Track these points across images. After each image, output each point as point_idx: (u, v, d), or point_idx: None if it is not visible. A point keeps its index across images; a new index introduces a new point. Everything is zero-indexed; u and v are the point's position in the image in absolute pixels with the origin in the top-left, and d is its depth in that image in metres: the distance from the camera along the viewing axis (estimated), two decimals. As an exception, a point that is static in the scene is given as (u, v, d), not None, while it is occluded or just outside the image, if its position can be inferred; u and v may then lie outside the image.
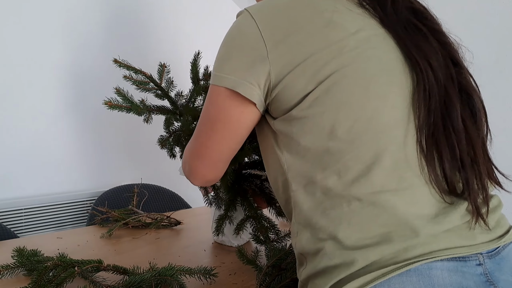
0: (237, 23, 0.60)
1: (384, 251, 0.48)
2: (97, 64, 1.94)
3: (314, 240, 0.53)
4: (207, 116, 0.63)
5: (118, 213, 1.29)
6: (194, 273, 0.79)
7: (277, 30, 0.55)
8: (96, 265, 0.78)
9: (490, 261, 0.49)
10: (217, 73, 0.59)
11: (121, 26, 2.05)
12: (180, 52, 2.29)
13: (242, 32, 0.57)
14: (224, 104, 0.59)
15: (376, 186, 0.50)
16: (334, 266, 0.49)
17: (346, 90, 0.52)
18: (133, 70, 1.01)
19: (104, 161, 1.99)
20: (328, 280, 0.49)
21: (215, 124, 0.62)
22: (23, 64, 1.70)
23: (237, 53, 0.57)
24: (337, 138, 0.52)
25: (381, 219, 0.49)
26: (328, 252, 0.50)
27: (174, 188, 1.92)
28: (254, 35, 0.56)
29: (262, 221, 0.93)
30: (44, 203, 1.75)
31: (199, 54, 1.08)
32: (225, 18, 2.61)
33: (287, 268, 0.78)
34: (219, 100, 0.59)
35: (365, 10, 0.58)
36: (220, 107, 0.60)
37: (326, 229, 0.51)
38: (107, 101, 0.95)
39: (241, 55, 0.57)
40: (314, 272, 0.52)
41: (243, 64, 0.56)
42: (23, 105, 1.70)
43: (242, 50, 0.57)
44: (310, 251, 0.53)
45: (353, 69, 0.52)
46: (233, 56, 0.58)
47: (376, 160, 0.50)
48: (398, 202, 0.49)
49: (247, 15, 0.58)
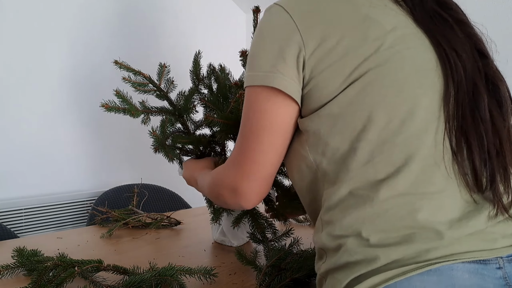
0: (269, 17, 0.57)
1: (406, 251, 0.48)
2: (97, 65, 1.94)
3: (336, 237, 0.53)
4: (248, 127, 0.58)
5: (118, 213, 1.29)
6: (194, 273, 0.79)
7: (314, 24, 0.53)
8: (96, 265, 0.78)
9: (510, 265, 0.49)
10: (251, 73, 0.57)
11: (122, 27, 2.05)
12: (181, 53, 2.29)
13: (276, 26, 0.55)
14: (264, 106, 0.56)
15: (403, 189, 0.50)
16: (355, 262, 0.50)
17: (380, 91, 0.52)
18: (132, 72, 1.01)
19: (104, 161, 1.99)
20: (349, 274, 0.50)
21: (260, 133, 0.57)
22: (24, 64, 1.70)
23: (272, 47, 0.55)
24: (367, 139, 0.52)
25: (405, 222, 0.49)
26: (350, 249, 0.51)
27: (174, 188, 1.93)
28: (289, 29, 0.54)
29: (260, 219, 0.93)
30: (44, 203, 1.75)
31: (200, 54, 1.08)
32: (226, 18, 2.61)
33: (286, 268, 0.78)
34: (259, 102, 0.56)
35: (397, 5, 0.57)
36: (261, 110, 0.56)
37: (349, 227, 0.52)
38: (104, 104, 0.96)
39: (276, 49, 0.54)
40: (334, 267, 0.53)
41: (278, 58, 0.54)
42: (23, 105, 1.71)
43: (276, 44, 0.55)
44: (332, 246, 0.54)
45: (388, 69, 0.52)
46: (267, 50, 0.55)
47: (405, 163, 0.50)
48: (424, 206, 0.50)
49: (280, 9, 0.56)
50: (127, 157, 2.08)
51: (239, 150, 0.61)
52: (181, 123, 1.04)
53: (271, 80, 0.54)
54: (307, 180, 0.60)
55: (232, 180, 0.62)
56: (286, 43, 0.54)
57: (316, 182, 0.59)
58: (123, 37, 2.05)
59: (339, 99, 0.53)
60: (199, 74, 1.08)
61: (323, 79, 0.53)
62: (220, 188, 0.65)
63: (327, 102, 0.54)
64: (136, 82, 1.02)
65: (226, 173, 0.64)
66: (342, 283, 0.51)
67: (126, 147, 2.08)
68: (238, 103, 0.84)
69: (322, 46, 0.53)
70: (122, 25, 2.05)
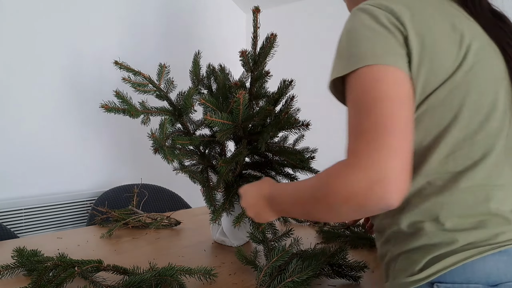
0: (369, 12, 0.59)
1: (480, 235, 0.56)
2: (97, 65, 1.94)
3: (414, 221, 0.59)
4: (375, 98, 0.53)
5: (118, 213, 1.29)
6: (194, 273, 0.80)
7: (415, 27, 0.57)
8: (96, 265, 0.78)
9: None
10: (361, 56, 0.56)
11: (122, 26, 2.05)
12: (180, 53, 2.29)
13: (378, 20, 0.58)
14: (387, 79, 0.54)
15: (479, 180, 0.58)
16: (433, 244, 0.57)
17: (466, 95, 0.58)
18: (132, 72, 1.01)
19: (104, 161, 2.00)
20: (426, 255, 0.57)
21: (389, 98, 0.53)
22: (24, 64, 1.70)
23: (381, 39, 0.57)
24: (450, 136, 0.58)
25: (480, 209, 0.57)
26: (429, 232, 0.58)
27: (174, 188, 1.93)
28: (391, 24, 0.57)
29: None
30: (44, 203, 1.75)
31: (199, 54, 1.08)
32: (225, 17, 2.61)
33: (286, 268, 0.78)
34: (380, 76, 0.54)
35: (469, 15, 0.64)
36: (384, 82, 0.54)
37: (427, 212, 0.58)
38: (103, 104, 0.96)
39: (382, 38, 0.57)
40: (410, 248, 0.59)
41: (387, 45, 0.56)
42: (23, 105, 1.71)
43: (384, 37, 0.57)
44: (407, 230, 0.60)
45: (473, 75, 0.59)
46: (372, 38, 0.57)
47: (482, 158, 0.58)
48: (495, 196, 0.57)
49: (375, 8, 0.59)
50: (127, 157, 2.09)
51: (368, 128, 0.52)
52: (181, 123, 1.04)
53: (393, 60, 0.55)
54: None
55: (377, 167, 0.50)
56: (395, 40, 0.57)
57: None
58: (123, 37, 2.06)
59: (430, 99, 0.58)
60: (199, 74, 1.08)
61: (419, 80, 0.58)
62: (353, 186, 0.51)
63: (420, 101, 0.59)
64: (135, 82, 1.02)
65: (364, 162, 0.51)
66: (420, 262, 0.57)
67: (126, 147, 2.08)
68: (238, 103, 0.84)
69: (423, 50, 0.57)
70: (121, 25, 2.05)
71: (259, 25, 0.95)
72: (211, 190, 0.99)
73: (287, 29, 2.58)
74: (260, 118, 0.90)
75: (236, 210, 0.98)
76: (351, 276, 0.82)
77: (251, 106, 1.00)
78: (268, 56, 0.97)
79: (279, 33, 0.99)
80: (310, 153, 1.11)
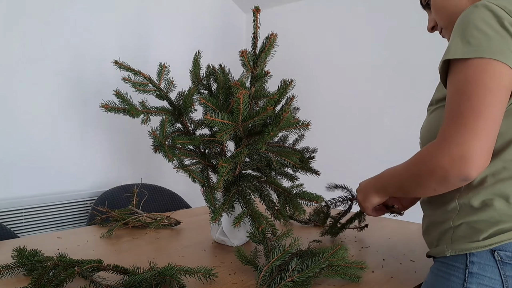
0: (494, 11, 0.65)
1: None
2: (97, 65, 1.94)
3: (485, 198, 0.67)
4: (477, 86, 0.63)
5: (118, 213, 1.29)
6: (194, 273, 0.80)
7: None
8: (96, 265, 0.78)
9: None
10: (476, 48, 0.63)
11: (122, 26, 2.05)
12: (180, 53, 2.29)
13: (501, 22, 0.64)
14: (495, 71, 0.62)
15: None
16: (500, 218, 0.66)
17: None
18: (132, 72, 1.01)
19: (104, 161, 2.00)
20: (493, 226, 0.66)
21: (490, 89, 0.62)
22: (25, 64, 1.70)
23: (497, 34, 0.63)
24: None
25: None
26: (498, 208, 0.66)
27: (174, 188, 1.93)
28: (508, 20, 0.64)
29: (260, 219, 0.93)
30: (44, 203, 1.75)
31: (199, 54, 1.08)
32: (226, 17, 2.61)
33: (286, 268, 0.78)
34: (489, 68, 0.63)
35: None
36: (491, 74, 0.62)
37: (499, 191, 0.67)
38: (103, 104, 0.96)
39: (500, 37, 0.63)
40: (476, 220, 0.68)
41: (502, 44, 0.63)
42: (23, 105, 1.71)
43: (500, 34, 0.63)
44: (476, 204, 0.68)
45: None
46: (491, 35, 0.63)
47: None
48: None
49: (500, 9, 0.65)
50: (127, 157, 2.09)
51: (468, 112, 0.63)
52: (181, 123, 1.04)
53: (504, 58, 0.62)
54: None
55: (462, 145, 0.62)
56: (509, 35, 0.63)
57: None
58: (123, 37, 2.06)
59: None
60: (199, 74, 1.08)
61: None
62: (439, 159, 0.64)
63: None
64: (136, 82, 1.02)
65: (450, 141, 0.63)
66: (485, 232, 0.66)
67: (126, 147, 2.08)
68: (238, 103, 0.84)
69: None
70: (122, 25, 2.05)
71: (259, 24, 0.95)
72: (211, 190, 0.99)
73: (287, 29, 2.58)
74: (260, 118, 0.90)
75: (236, 210, 0.98)
76: (351, 276, 0.82)
77: (251, 106, 1.00)
78: (269, 56, 0.97)
79: (279, 33, 0.99)
80: (310, 153, 1.11)
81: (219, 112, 0.87)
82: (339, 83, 2.38)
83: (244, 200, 0.97)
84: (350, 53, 2.34)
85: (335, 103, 2.41)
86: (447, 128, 0.65)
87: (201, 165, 1.04)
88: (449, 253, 0.70)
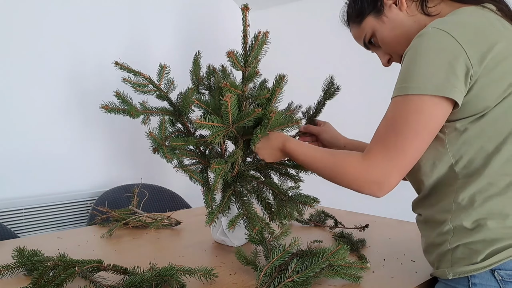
0: (434, 39, 0.65)
1: None
2: (97, 65, 1.94)
3: (476, 218, 0.68)
4: (412, 128, 0.66)
5: (118, 213, 1.29)
6: (194, 273, 0.80)
7: (475, 48, 0.64)
8: (96, 265, 0.78)
9: None
10: (415, 84, 0.66)
11: (122, 26, 2.05)
12: (180, 53, 2.29)
13: (443, 47, 0.65)
14: (434, 111, 0.65)
15: None
16: (495, 239, 0.66)
17: None
18: (132, 72, 1.01)
19: (104, 161, 2.00)
20: (488, 246, 0.66)
21: (420, 131, 0.66)
22: (25, 63, 1.70)
23: (441, 64, 0.64)
24: (510, 142, 0.66)
25: None
26: (491, 228, 0.66)
27: (174, 188, 1.93)
28: (457, 51, 0.64)
29: (256, 220, 0.93)
30: (44, 203, 1.75)
31: (199, 54, 1.08)
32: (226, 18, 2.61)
33: (286, 268, 0.78)
34: (427, 107, 0.65)
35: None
36: (429, 114, 0.65)
37: (489, 210, 0.67)
38: (103, 105, 0.96)
39: (446, 66, 0.64)
40: (471, 241, 0.68)
41: (450, 74, 0.64)
42: (23, 105, 1.71)
43: (446, 62, 0.64)
44: (469, 226, 0.68)
45: None
46: (436, 66, 0.64)
47: None
48: None
49: (443, 33, 0.65)
50: (127, 157, 2.09)
51: (394, 147, 0.68)
52: (181, 123, 1.04)
53: (447, 91, 0.64)
54: (440, 172, 0.72)
55: (381, 174, 0.68)
56: (456, 62, 0.64)
57: (449, 174, 0.71)
58: (123, 37, 2.06)
59: (495, 110, 0.66)
60: (199, 74, 1.08)
61: (483, 93, 0.65)
62: (357, 174, 0.71)
63: (483, 111, 0.66)
64: (136, 82, 1.02)
65: (373, 166, 0.69)
66: (482, 253, 0.67)
67: (127, 147, 2.08)
68: (226, 106, 0.84)
69: (484, 66, 0.64)
70: (121, 25, 2.05)
71: (248, 23, 0.92)
72: (209, 191, 0.99)
73: (287, 29, 2.58)
74: (250, 120, 0.89)
75: (232, 211, 0.98)
76: (351, 276, 0.82)
77: (245, 106, 0.98)
78: (260, 55, 0.94)
79: (279, 33, 0.98)
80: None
81: (208, 116, 0.86)
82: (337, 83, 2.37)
83: (241, 201, 0.96)
84: (350, 53, 2.33)
85: (335, 102, 2.40)
86: (373, 150, 0.70)
87: (201, 165, 1.04)
88: (450, 276, 0.71)
